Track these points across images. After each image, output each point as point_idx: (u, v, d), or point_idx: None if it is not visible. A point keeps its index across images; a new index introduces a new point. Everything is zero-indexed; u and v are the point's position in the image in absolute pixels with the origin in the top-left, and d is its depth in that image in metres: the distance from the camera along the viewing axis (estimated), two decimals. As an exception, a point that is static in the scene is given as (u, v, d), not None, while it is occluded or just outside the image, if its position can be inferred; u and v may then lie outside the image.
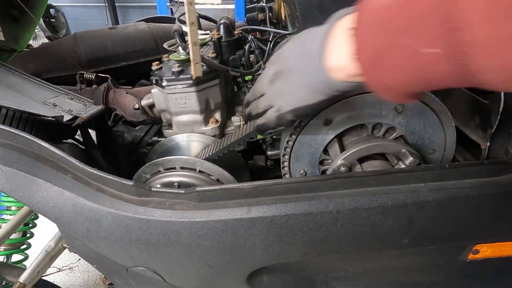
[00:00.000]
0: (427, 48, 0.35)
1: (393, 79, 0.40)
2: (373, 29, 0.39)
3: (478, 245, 0.69)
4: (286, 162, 0.76)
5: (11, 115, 0.70)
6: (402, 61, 0.37)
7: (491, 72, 0.33)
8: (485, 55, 0.32)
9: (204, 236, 0.62)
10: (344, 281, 0.80)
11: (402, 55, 0.37)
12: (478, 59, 0.32)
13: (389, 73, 0.39)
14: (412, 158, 0.66)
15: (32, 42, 3.31)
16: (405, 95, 0.43)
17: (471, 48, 0.32)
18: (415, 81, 0.39)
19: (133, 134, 1.13)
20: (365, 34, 0.40)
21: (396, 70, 0.39)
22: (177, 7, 3.96)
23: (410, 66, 0.37)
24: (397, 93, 0.42)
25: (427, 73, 0.37)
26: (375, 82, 0.42)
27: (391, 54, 0.38)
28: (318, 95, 0.52)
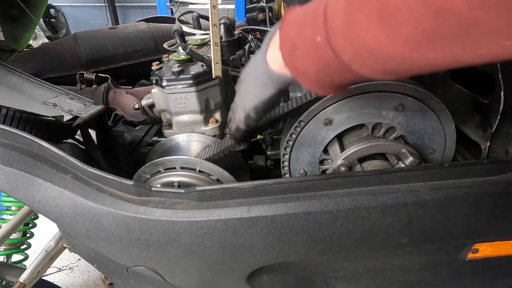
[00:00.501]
0: (317, 36, 0.44)
1: (304, 65, 0.49)
2: (290, 26, 0.50)
3: (477, 244, 0.69)
4: (286, 162, 0.76)
5: (11, 115, 0.70)
6: (305, 48, 0.47)
7: (343, 53, 0.42)
8: (339, 38, 0.41)
9: (204, 235, 0.62)
10: (344, 280, 0.80)
11: (306, 43, 0.46)
12: (336, 41, 0.42)
13: (300, 59, 0.48)
14: (412, 158, 0.66)
15: (32, 42, 3.30)
16: (320, 84, 0.50)
17: (333, 33, 0.42)
18: (318, 66, 0.47)
19: (133, 134, 1.13)
20: (285, 30, 0.51)
21: (304, 56, 0.48)
22: (177, 7, 3.96)
23: (310, 51, 0.46)
24: (311, 79, 0.50)
25: (321, 58, 0.45)
26: (293, 68, 0.51)
27: (299, 43, 0.47)
28: (267, 88, 0.58)
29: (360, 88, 0.66)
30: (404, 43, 0.36)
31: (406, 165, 0.67)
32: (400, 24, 0.35)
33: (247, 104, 0.63)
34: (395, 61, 0.39)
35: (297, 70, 0.50)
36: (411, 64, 0.39)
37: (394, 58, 0.38)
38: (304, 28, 0.46)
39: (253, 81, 0.61)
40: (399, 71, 0.42)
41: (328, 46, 0.43)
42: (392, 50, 0.37)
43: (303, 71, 0.50)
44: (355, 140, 0.72)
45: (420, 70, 0.40)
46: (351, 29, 0.39)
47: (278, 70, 0.54)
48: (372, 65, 0.41)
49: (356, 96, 0.67)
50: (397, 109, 0.68)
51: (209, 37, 1.03)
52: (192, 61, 0.90)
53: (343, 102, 0.67)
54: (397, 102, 0.67)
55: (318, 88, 0.51)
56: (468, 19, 0.31)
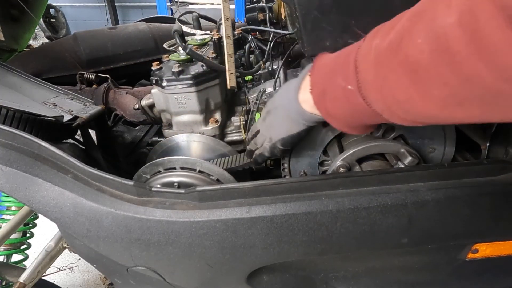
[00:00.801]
0: (348, 85, 0.47)
1: (334, 109, 0.52)
2: (321, 72, 0.54)
3: (477, 244, 0.69)
4: (286, 164, 0.76)
5: (11, 115, 0.70)
6: (336, 94, 0.50)
7: (375, 103, 0.45)
8: (370, 91, 0.45)
9: (204, 235, 0.62)
10: (344, 280, 0.80)
11: (337, 90, 0.50)
12: (368, 93, 0.45)
13: (330, 103, 0.52)
14: (411, 157, 0.66)
15: (32, 42, 3.30)
16: (351, 125, 0.54)
17: (364, 85, 0.45)
18: (348, 111, 0.51)
19: (133, 134, 1.13)
20: (316, 76, 0.55)
21: (334, 101, 0.51)
22: (177, 7, 3.96)
23: (342, 98, 0.50)
24: (341, 121, 0.54)
25: (352, 104, 0.48)
26: (324, 111, 0.55)
27: (330, 89, 0.51)
28: (297, 125, 0.62)
29: None
30: (434, 102, 0.38)
31: (405, 165, 0.67)
32: (430, 86, 0.36)
33: (275, 136, 0.66)
34: (425, 116, 0.41)
35: (327, 113, 0.54)
36: (440, 120, 0.41)
37: (425, 115, 0.41)
38: (335, 76, 0.50)
39: (283, 116, 0.64)
40: (428, 122, 0.44)
41: (359, 96, 0.46)
42: (424, 107, 0.39)
43: (333, 114, 0.53)
44: (354, 141, 0.72)
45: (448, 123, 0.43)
46: (382, 85, 0.42)
47: (309, 110, 0.58)
48: (403, 116, 0.44)
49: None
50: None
51: (209, 37, 1.03)
52: (192, 61, 0.90)
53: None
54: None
55: (348, 128, 0.55)
56: (495, 89, 0.32)
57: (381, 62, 0.42)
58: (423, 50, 0.35)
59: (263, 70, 1.06)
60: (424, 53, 0.35)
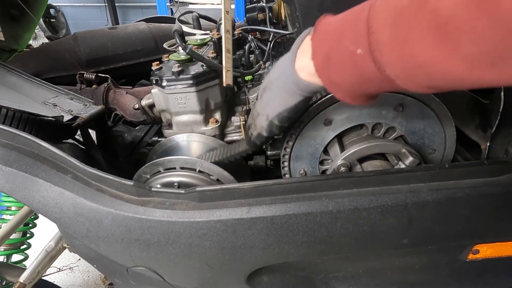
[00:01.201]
0: (358, 48, 0.43)
1: (338, 76, 0.48)
2: (324, 35, 0.49)
3: (478, 245, 0.69)
4: (286, 162, 0.76)
5: (11, 115, 0.70)
6: (343, 59, 0.46)
7: (389, 67, 0.41)
8: (385, 53, 0.40)
9: (204, 236, 0.62)
10: (344, 281, 0.80)
11: (343, 54, 0.45)
12: (382, 56, 0.41)
13: (335, 70, 0.48)
14: (412, 158, 0.66)
15: (32, 42, 3.30)
16: (354, 95, 0.50)
17: (378, 47, 0.40)
18: (355, 79, 0.46)
19: (133, 134, 1.13)
20: (319, 40, 0.50)
21: (340, 67, 0.47)
22: (177, 7, 3.96)
23: (348, 63, 0.45)
24: (344, 90, 0.50)
25: (360, 70, 0.44)
26: (326, 78, 0.50)
27: (336, 54, 0.46)
28: (293, 96, 0.58)
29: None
30: (463, 62, 0.34)
31: (406, 165, 0.67)
32: (462, 43, 0.33)
33: (271, 112, 0.62)
34: (448, 79, 0.38)
35: (330, 81, 0.50)
36: (463, 83, 0.38)
37: (448, 77, 0.37)
38: (342, 39, 0.45)
39: (278, 89, 0.59)
40: (448, 87, 0.40)
41: (370, 60, 0.42)
42: (449, 68, 0.36)
43: (337, 82, 0.49)
44: (355, 140, 0.72)
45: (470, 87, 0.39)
46: (401, 46, 0.38)
47: (307, 79, 0.53)
48: (420, 81, 0.40)
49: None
50: (397, 109, 0.68)
51: (209, 37, 1.03)
52: (192, 61, 0.90)
53: (343, 102, 0.67)
54: (397, 102, 0.67)
55: (350, 98, 0.51)
56: None
57: (401, 20, 0.37)
58: (457, 3, 0.32)
59: (263, 70, 1.06)
60: (458, 6, 0.32)
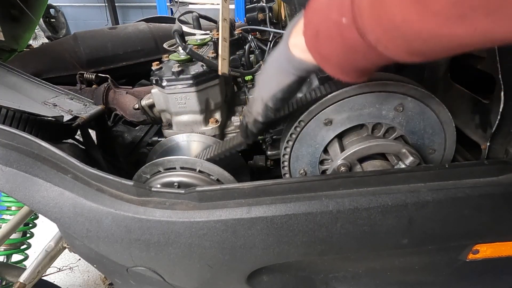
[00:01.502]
0: (343, 18, 0.44)
1: (327, 49, 0.48)
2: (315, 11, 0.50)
3: (478, 245, 0.69)
4: (286, 162, 0.76)
5: (11, 115, 0.70)
6: (330, 31, 0.47)
7: (370, 32, 0.42)
8: (366, 17, 0.41)
9: (204, 236, 0.62)
10: (344, 281, 0.80)
11: (331, 27, 0.46)
12: (363, 21, 0.41)
13: (324, 43, 0.48)
14: (412, 158, 0.66)
15: (32, 42, 3.30)
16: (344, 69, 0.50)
17: (359, 13, 0.41)
18: (342, 50, 0.47)
19: (133, 134, 1.13)
20: (309, 15, 0.50)
21: (328, 40, 0.47)
22: (177, 7, 3.96)
23: (335, 35, 0.46)
24: (334, 64, 0.50)
25: (346, 40, 0.45)
26: (316, 53, 0.50)
27: (324, 26, 0.47)
28: (286, 75, 0.58)
29: (360, 88, 0.66)
30: (434, 17, 0.35)
31: (406, 165, 0.67)
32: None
33: (266, 94, 0.61)
34: (423, 38, 0.38)
35: (320, 55, 0.50)
36: (439, 43, 0.38)
37: (422, 35, 0.38)
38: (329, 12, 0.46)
39: (273, 69, 0.60)
40: (426, 51, 0.41)
41: (354, 27, 0.43)
42: (422, 25, 0.37)
43: (326, 55, 0.50)
44: (355, 140, 0.72)
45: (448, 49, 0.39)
46: (379, 7, 0.39)
47: (300, 55, 0.54)
48: (399, 44, 0.41)
49: (356, 96, 0.67)
50: (397, 109, 0.68)
51: (209, 37, 1.03)
52: (192, 61, 0.90)
53: (343, 102, 0.67)
54: (397, 102, 0.67)
55: (341, 73, 0.51)
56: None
57: None
58: None
59: (263, 70, 1.05)
60: None
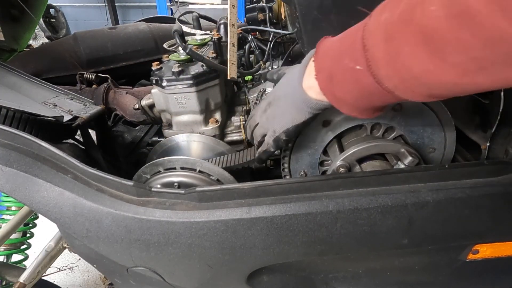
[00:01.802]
0: (357, 65, 0.45)
1: (342, 92, 0.51)
2: (326, 55, 0.52)
3: (478, 245, 0.69)
4: (286, 164, 0.76)
5: (11, 115, 0.70)
6: (344, 77, 0.49)
7: (386, 80, 0.43)
8: (382, 67, 0.43)
9: (204, 236, 0.62)
10: (344, 281, 0.80)
11: (344, 72, 0.48)
12: (379, 70, 0.43)
13: (338, 87, 0.50)
14: (411, 157, 0.66)
15: (32, 42, 3.30)
16: (360, 108, 0.52)
17: (374, 62, 0.43)
18: (358, 94, 0.49)
19: (133, 134, 1.13)
20: (320, 60, 0.53)
21: (342, 84, 0.50)
22: (177, 7, 3.96)
23: (350, 79, 0.48)
24: (350, 105, 0.52)
25: (361, 85, 0.47)
26: (331, 95, 0.53)
27: (338, 72, 0.50)
28: (302, 113, 0.59)
29: None
30: (453, 70, 0.36)
31: (405, 164, 0.67)
32: (449, 53, 0.35)
33: (279, 127, 0.63)
34: (443, 87, 0.39)
35: (335, 97, 0.52)
36: (460, 89, 0.39)
37: (444, 85, 0.39)
38: (341, 58, 0.48)
39: (287, 106, 0.61)
40: (447, 95, 0.42)
41: (369, 74, 0.44)
42: (441, 77, 0.37)
43: (342, 98, 0.51)
44: (354, 141, 0.72)
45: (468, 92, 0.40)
46: (395, 60, 0.40)
47: (315, 97, 0.56)
48: (419, 91, 0.42)
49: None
50: (395, 108, 0.68)
51: (209, 37, 1.03)
52: (192, 61, 0.90)
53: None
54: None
55: (356, 112, 0.53)
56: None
57: (392, 35, 0.40)
58: (439, 16, 0.34)
59: (263, 70, 1.06)
60: (440, 19, 0.34)
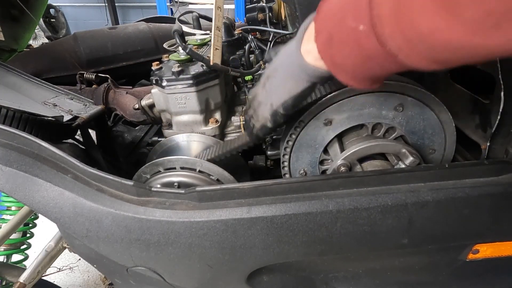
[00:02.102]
0: (360, 25, 0.42)
1: (341, 56, 0.47)
2: (327, 16, 0.48)
3: (478, 245, 0.69)
4: (286, 162, 0.76)
5: (11, 115, 0.70)
6: (345, 38, 0.45)
7: (391, 40, 0.40)
8: (387, 25, 0.39)
9: (204, 236, 0.62)
10: (344, 281, 0.80)
11: (346, 34, 0.45)
12: (384, 29, 0.40)
13: (337, 50, 0.47)
14: (412, 158, 0.66)
15: (32, 42, 3.30)
16: (358, 77, 0.49)
17: (379, 20, 0.40)
18: (357, 58, 0.45)
19: (133, 134, 1.13)
20: (321, 21, 0.49)
21: (342, 46, 0.46)
22: (177, 7, 3.96)
23: (350, 41, 0.44)
24: (348, 72, 0.48)
25: (363, 48, 0.43)
26: (329, 60, 0.49)
27: (338, 33, 0.46)
28: (299, 82, 0.56)
29: None
30: (465, 27, 0.33)
31: (406, 165, 0.67)
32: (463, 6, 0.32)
33: (276, 100, 0.60)
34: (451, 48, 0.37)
35: (333, 62, 0.49)
36: (467, 52, 0.37)
37: (451, 45, 0.36)
38: (344, 18, 0.45)
39: (283, 75, 0.58)
40: (452, 59, 0.39)
41: (372, 35, 0.41)
42: (451, 36, 0.35)
43: (340, 63, 0.48)
44: (355, 140, 0.72)
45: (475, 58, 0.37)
46: (402, 16, 0.38)
47: (313, 62, 0.52)
48: (423, 53, 0.39)
49: (356, 96, 0.67)
50: (397, 109, 0.68)
51: (209, 37, 1.03)
52: (192, 61, 0.90)
53: (343, 102, 0.67)
54: (397, 102, 0.67)
55: (354, 81, 0.49)
56: None
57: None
58: None
59: (263, 70, 1.06)
60: None
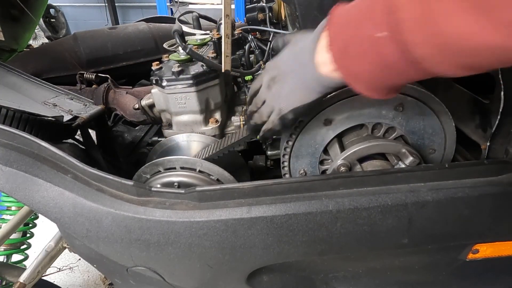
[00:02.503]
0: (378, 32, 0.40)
1: (358, 65, 0.45)
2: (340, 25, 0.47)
3: (478, 245, 0.69)
4: (286, 162, 0.76)
5: (11, 115, 0.70)
6: (362, 47, 0.43)
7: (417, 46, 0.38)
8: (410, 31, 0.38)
9: (204, 236, 0.62)
10: (344, 281, 0.80)
11: (362, 42, 0.43)
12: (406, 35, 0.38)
13: (355, 59, 0.45)
14: (412, 158, 0.66)
15: (32, 42, 3.30)
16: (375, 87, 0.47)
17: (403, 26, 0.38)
18: (376, 67, 0.44)
19: (133, 134, 1.13)
20: (334, 29, 0.47)
21: (360, 56, 0.44)
22: (177, 7, 3.96)
23: (368, 50, 0.43)
24: (365, 82, 0.47)
25: (382, 56, 0.42)
26: (345, 70, 0.47)
27: (354, 42, 0.44)
28: (313, 92, 0.55)
29: None
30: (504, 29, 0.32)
31: (406, 165, 0.67)
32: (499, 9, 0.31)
33: (286, 106, 0.59)
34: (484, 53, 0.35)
35: (349, 73, 0.47)
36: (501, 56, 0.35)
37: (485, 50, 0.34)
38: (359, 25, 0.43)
39: (294, 84, 0.56)
40: (483, 64, 0.37)
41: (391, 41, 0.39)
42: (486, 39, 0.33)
43: (357, 73, 0.46)
44: (355, 140, 0.72)
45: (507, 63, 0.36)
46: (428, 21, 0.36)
47: (328, 74, 0.50)
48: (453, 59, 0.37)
49: (356, 96, 0.67)
50: (397, 109, 0.68)
51: (209, 37, 1.03)
52: (192, 61, 0.90)
53: (343, 102, 0.67)
54: (397, 102, 0.67)
55: (371, 91, 0.48)
56: None
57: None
58: None
59: (263, 70, 1.06)
60: None
